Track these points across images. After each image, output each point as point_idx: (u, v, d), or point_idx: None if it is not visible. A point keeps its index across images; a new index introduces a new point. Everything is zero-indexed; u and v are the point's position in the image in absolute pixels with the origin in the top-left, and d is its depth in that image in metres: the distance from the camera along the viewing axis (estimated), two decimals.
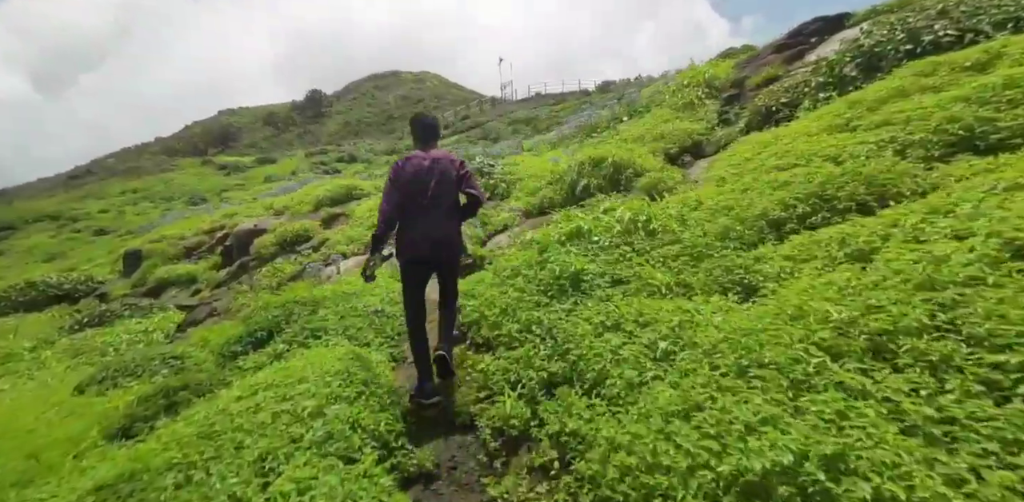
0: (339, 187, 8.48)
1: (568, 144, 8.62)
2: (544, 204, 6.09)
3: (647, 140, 6.41)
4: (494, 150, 9.48)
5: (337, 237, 6.78)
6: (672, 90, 7.16)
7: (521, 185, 6.98)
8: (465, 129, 32.72)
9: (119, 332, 5.98)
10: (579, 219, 3.80)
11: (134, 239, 14.50)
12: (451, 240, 2.90)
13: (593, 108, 9.67)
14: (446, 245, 2.87)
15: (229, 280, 7.05)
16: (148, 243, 9.98)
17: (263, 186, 26.17)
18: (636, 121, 7.46)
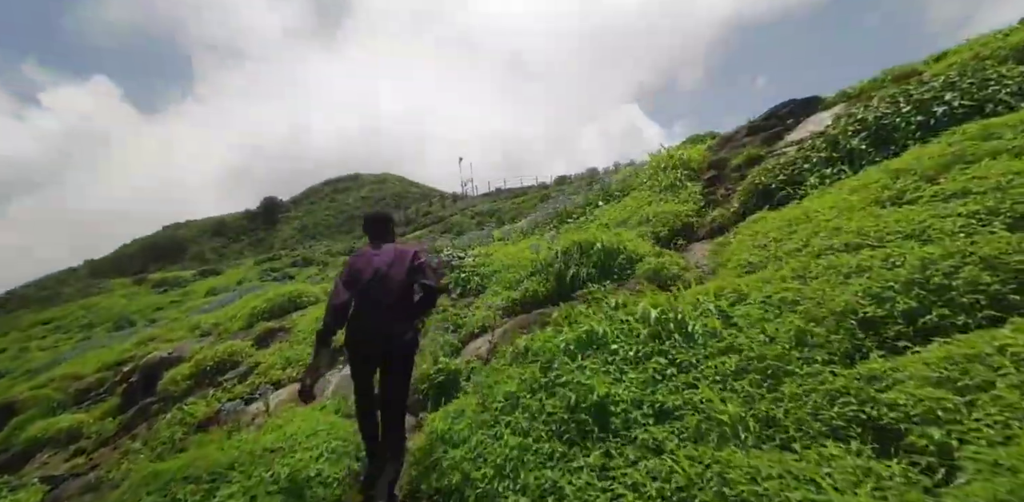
0: (279, 295, 7.48)
1: (543, 231, 8.19)
2: (528, 298, 5.33)
3: (632, 224, 5.99)
4: (462, 241, 8.96)
5: (272, 359, 5.67)
6: (649, 173, 7.01)
7: (497, 278, 6.27)
8: (428, 224, 33.05)
9: None
10: (588, 319, 3.02)
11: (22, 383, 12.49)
12: (398, 335, 2.81)
13: (563, 195, 9.49)
14: (392, 341, 2.78)
15: (121, 433, 5.61)
16: (29, 390, 8.31)
17: (202, 301, 24.57)
18: (614, 205, 7.17)
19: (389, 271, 2.84)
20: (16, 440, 7.30)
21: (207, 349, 6.21)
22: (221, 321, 8.26)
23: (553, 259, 5.60)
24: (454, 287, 6.90)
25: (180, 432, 4.77)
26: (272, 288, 8.59)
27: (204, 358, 6.00)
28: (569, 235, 6.47)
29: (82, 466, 5.10)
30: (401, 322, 2.83)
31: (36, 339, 30.20)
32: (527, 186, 43.86)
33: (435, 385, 4.29)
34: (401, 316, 2.84)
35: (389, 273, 2.84)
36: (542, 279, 5.51)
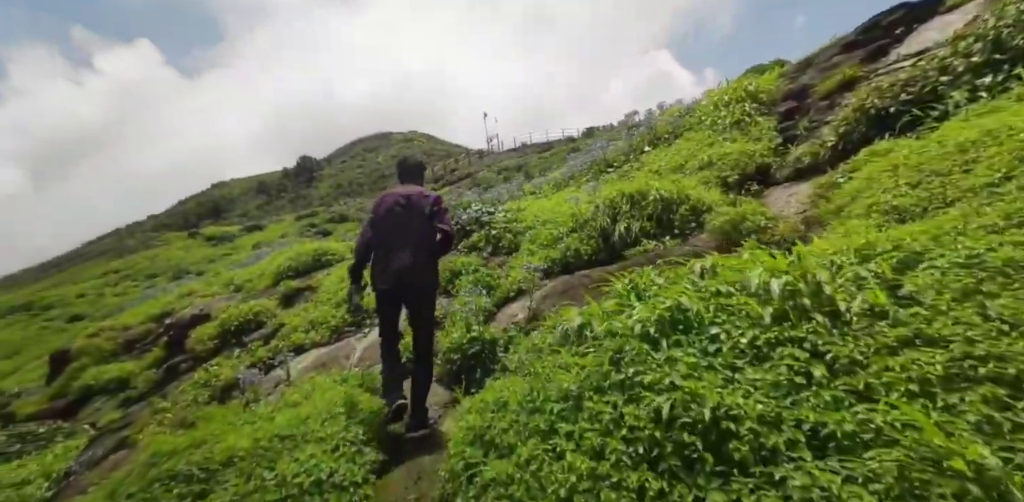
0: (303, 254, 6.85)
1: (580, 183, 7.18)
2: (569, 258, 4.48)
3: (691, 169, 4.93)
4: (490, 195, 8.05)
5: (296, 321, 5.06)
6: (708, 110, 5.80)
7: (532, 235, 5.40)
8: (455, 181, 31.99)
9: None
10: (665, 290, 2.15)
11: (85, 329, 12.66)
12: (420, 278, 2.90)
13: (599, 143, 8.32)
14: (415, 278, 2.86)
15: (154, 390, 5.23)
16: (84, 338, 8.16)
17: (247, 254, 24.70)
18: (664, 150, 6.05)
19: (411, 213, 2.90)
20: (72, 387, 7.16)
21: (233, 308, 5.66)
22: (252, 278, 7.75)
23: (596, 213, 4.67)
24: (484, 245, 6.08)
25: (204, 395, 4.27)
26: (297, 245, 8.00)
27: (229, 317, 5.46)
28: (613, 185, 5.47)
29: (118, 421, 4.72)
30: (422, 261, 2.89)
31: (109, 286, 31.46)
32: (553, 140, 41.76)
33: (468, 356, 3.57)
34: (422, 256, 2.89)
35: (411, 215, 2.90)
36: (584, 236, 4.62)
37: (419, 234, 2.90)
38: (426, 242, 2.92)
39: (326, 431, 2.58)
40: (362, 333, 4.62)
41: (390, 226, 2.92)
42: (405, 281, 2.84)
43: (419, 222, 2.90)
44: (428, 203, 2.94)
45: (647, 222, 4.12)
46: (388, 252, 2.88)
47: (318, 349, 4.50)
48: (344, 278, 5.77)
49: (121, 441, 4.33)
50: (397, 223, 2.91)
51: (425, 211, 2.91)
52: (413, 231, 2.89)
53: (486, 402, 2.41)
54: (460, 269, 5.38)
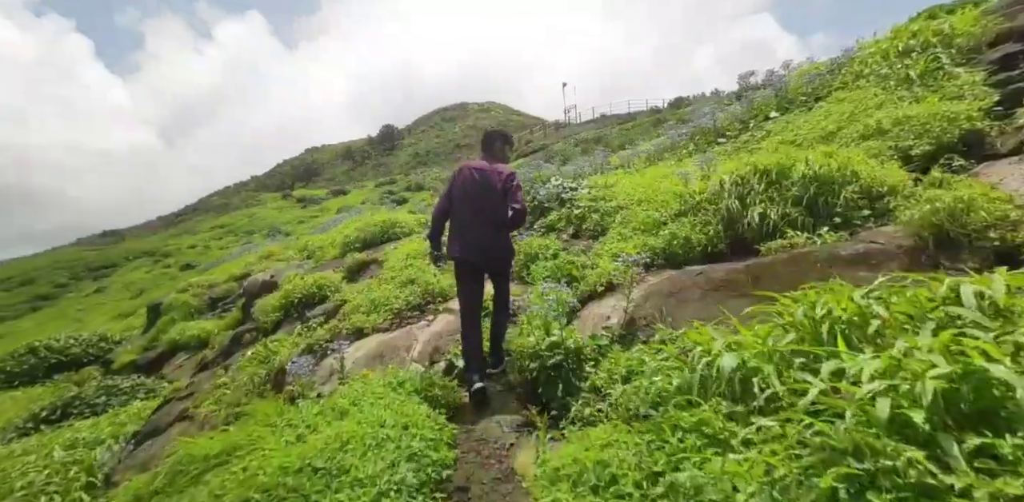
0: (371, 225, 6.33)
1: (680, 155, 5.99)
2: (677, 249, 3.51)
3: (848, 138, 3.66)
4: (570, 169, 7.09)
5: (358, 299, 4.59)
6: (875, 60, 4.34)
7: (625, 216, 4.44)
8: (530, 152, 30.86)
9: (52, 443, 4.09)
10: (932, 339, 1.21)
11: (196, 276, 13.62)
12: (495, 249, 2.95)
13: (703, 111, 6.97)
14: (491, 254, 2.94)
15: (219, 359, 5.08)
16: (175, 292, 8.52)
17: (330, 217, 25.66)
18: (801, 114, 4.71)
19: (484, 189, 2.88)
20: (161, 340, 7.45)
21: (298, 279, 5.32)
22: (323, 245, 7.52)
23: (716, 193, 3.61)
24: (564, 226, 5.21)
25: (260, 374, 3.92)
26: (367, 215, 7.60)
27: (294, 289, 5.12)
28: (738, 158, 4.31)
29: (184, 390, 4.58)
30: (495, 237, 2.92)
31: (215, 240, 34.57)
32: (635, 111, 38.88)
33: (547, 367, 2.82)
34: (497, 230, 2.92)
35: (484, 191, 2.88)
36: (698, 221, 3.59)
37: (492, 211, 2.88)
38: (499, 219, 2.88)
39: (367, 469, 1.96)
40: (424, 321, 4.02)
41: (464, 200, 2.92)
42: (480, 257, 2.90)
43: (492, 198, 2.87)
44: (501, 180, 2.88)
45: (791, 207, 3.02)
46: (462, 226, 2.92)
47: (378, 335, 3.96)
48: (410, 255, 5.21)
49: (183, 412, 4.15)
50: (471, 198, 2.90)
51: (498, 187, 2.87)
52: (486, 207, 2.88)
53: (581, 465, 1.64)
54: (536, 253, 4.58)
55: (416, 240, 5.76)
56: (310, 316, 4.80)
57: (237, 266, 9.41)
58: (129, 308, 16.42)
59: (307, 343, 4.03)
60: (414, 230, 6.30)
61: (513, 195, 2.86)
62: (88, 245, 43.38)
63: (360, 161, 67.22)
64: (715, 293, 2.72)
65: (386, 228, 6.21)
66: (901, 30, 4.50)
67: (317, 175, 69.09)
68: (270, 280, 6.15)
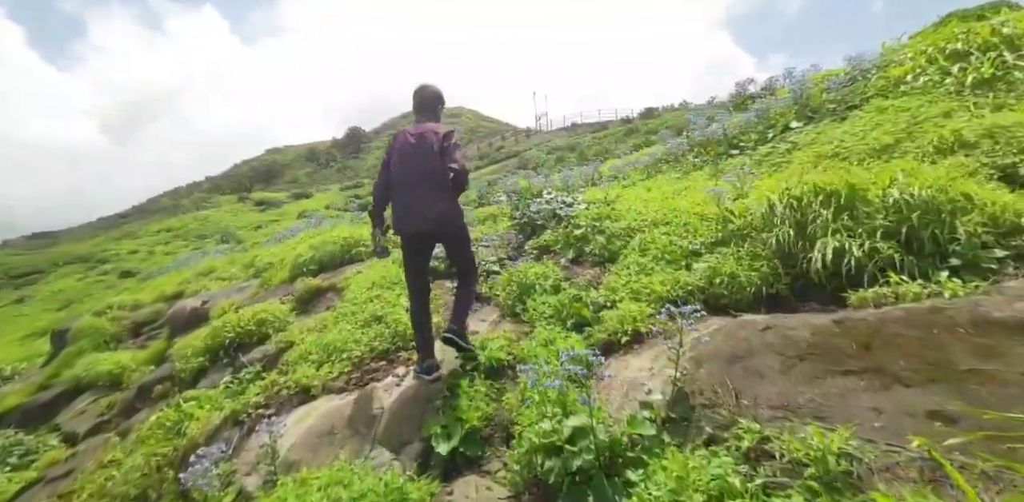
0: (330, 242, 5.21)
1: (686, 167, 5.31)
2: (722, 289, 2.73)
3: (920, 152, 3.01)
4: (559, 178, 6.32)
5: (308, 342, 3.60)
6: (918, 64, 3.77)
7: (642, 242, 3.67)
8: (502, 159, 30.17)
9: None
10: None
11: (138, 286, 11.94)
12: (441, 213, 2.73)
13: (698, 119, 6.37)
14: (437, 218, 2.72)
15: (119, 417, 3.94)
16: (89, 315, 7.09)
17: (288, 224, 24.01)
18: (831, 124, 4.10)
19: (422, 152, 2.75)
20: (60, 377, 6.10)
21: (232, 313, 4.25)
22: (275, 261, 6.42)
23: (766, 216, 2.89)
24: (562, 249, 4.41)
25: (163, 453, 2.88)
26: (325, 230, 6.52)
27: (225, 325, 4.05)
28: (773, 174, 3.63)
29: (60, 466, 3.44)
30: (443, 200, 2.73)
31: (161, 244, 31.92)
32: (605, 120, 38.92)
33: (570, 472, 1.96)
34: (441, 194, 2.73)
35: (422, 154, 2.74)
36: (745, 253, 2.83)
37: (433, 173, 2.72)
38: (441, 181, 2.72)
39: None
40: (393, 376, 3.09)
41: (404, 166, 2.78)
42: (426, 223, 2.72)
43: (432, 160, 2.72)
44: (438, 139, 2.75)
45: (881, 240, 2.31)
46: (405, 193, 2.76)
47: (330, 397, 3.00)
48: (376, 283, 4.26)
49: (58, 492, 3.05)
50: (410, 163, 2.77)
51: (435, 148, 2.73)
52: (427, 170, 2.73)
53: None
54: (533, 283, 3.74)
55: (385, 264, 4.81)
56: (245, 362, 3.77)
57: (169, 284, 8.06)
58: (49, 323, 14.43)
59: (233, 408, 3.02)
60: None
61: (451, 154, 2.70)
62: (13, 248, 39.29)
63: (324, 163, 64.76)
64: (803, 364, 1.95)
65: (348, 246, 5.18)
66: (937, 32, 3.98)
67: (278, 177, 66.16)
68: (201, 308, 5.03)
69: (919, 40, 4.22)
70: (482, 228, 5.86)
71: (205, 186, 68.22)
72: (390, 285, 4.19)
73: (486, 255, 4.69)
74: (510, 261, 4.52)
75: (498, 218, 5.82)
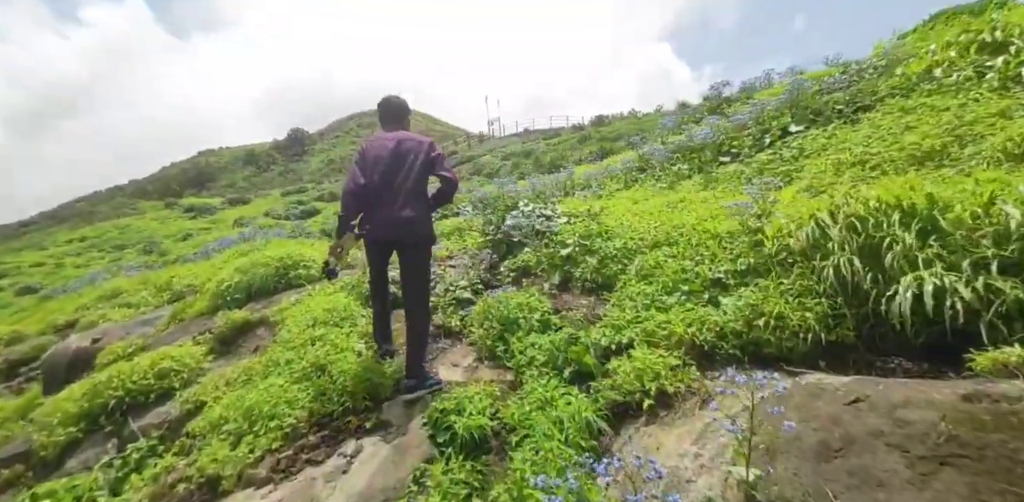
0: (261, 264, 4.22)
1: (676, 175, 4.82)
2: (768, 333, 2.15)
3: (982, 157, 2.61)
4: (527, 187, 5.69)
5: (226, 403, 2.71)
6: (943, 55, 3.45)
7: (641, 266, 3.08)
8: (456, 164, 29.36)
9: None
10: None
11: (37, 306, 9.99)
12: (414, 223, 2.63)
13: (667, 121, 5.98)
14: (409, 228, 2.61)
15: None
16: None
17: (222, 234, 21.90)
18: (841, 128, 3.73)
19: (402, 162, 2.65)
20: None
21: (125, 364, 3.23)
22: (196, 284, 5.32)
23: (813, 240, 2.36)
24: (547, 271, 3.75)
25: None
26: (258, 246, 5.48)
27: (113, 381, 3.05)
28: (793, 186, 3.16)
29: None
30: (419, 215, 2.65)
31: (71, 256, 28.31)
32: (558, 127, 39.03)
33: None
34: (420, 205, 2.66)
35: (402, 163, 2.65)
36: (793, 288, 2.27)
37: (412, 184, 2.63)
38: (423, 191, 2.69)
39: None
40: (341, 456, 2.29)
41: (380, 176, 2.61)
42: (398, 231, 2.61)
43: (412, 171, 2.64)
44: (421, 150, 2.68)
45: (999, 278, 1.81)
46: (380, 204, 2.61)
47: (247, 495, 2.15)
48: (319, 320, 3.41)
49: None
50: (388, 172, 2.62)
51: (418, 158, 2.66)
52: (407, 182, 2.62)
53: None
54: (515, 317, 3.06)
55: (333, 290, 3.95)
56: (136, 430, 2.81)
57: (65, 309, 6.63)
58: None
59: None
60: None
61: (440, 164, 2.71)
62: None
63: (264, 167, 60.97)
64: (949, 473, 1.36)
65: (285, 269, 4.22)
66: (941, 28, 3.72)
67: (212, 181, 61.55)
68: (91, 348, 3.92)
69: (916, 38, 3.98)
70: (448, 243, 5.12)
71: (128, 190, 62.34)
72: (337, 321, 3.36)
73: (456, 279, 3.96)
74: (485, 287, 3.82)
75: (465, 233, 5.10)
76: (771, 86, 6.42)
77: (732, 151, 4.47)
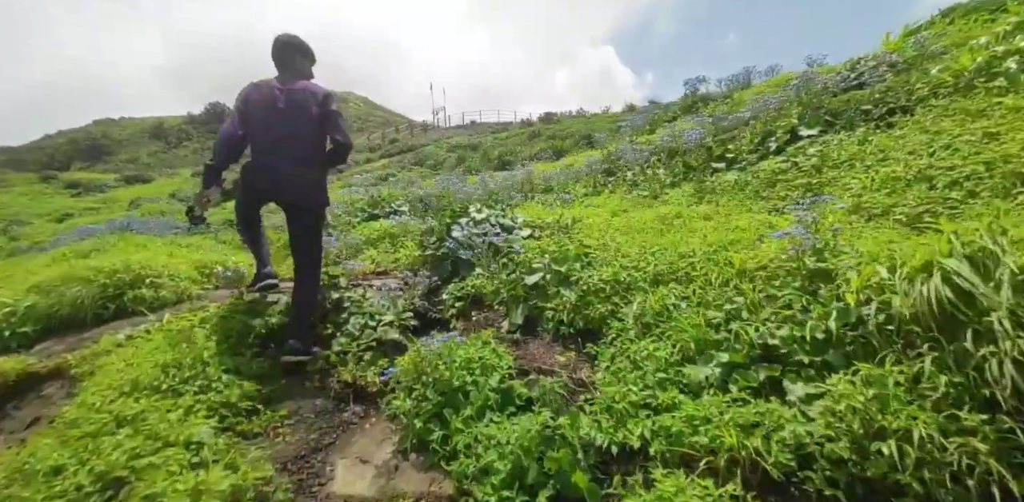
0: (85, 279, 2.77)
1: (652, 184, 3.98)
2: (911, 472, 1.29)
3: None
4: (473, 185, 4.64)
5: None
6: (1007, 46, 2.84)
7: (639, 311, 2.17)
8: (396, 153, 27.53)
9: None
10: None
11: None
12: (305, 182, 2.38)
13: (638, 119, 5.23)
14: (298, 186, 2.36)
15: None
16: None
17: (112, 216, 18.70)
18: (873, 133, 3.05)
19: (292, 114, 2.34)
20: None
21: None
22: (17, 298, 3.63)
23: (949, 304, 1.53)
24: (507, 304, 2.72)
25: None
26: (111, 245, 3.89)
27: None
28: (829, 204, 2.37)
29: None
30: (310, 170, 2.39)
31: None
32: (506, 121, 38.08)
33: None
34: (311, 165, 2.39)
35: (292, 116, 2.33)
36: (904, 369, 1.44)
37: (304, 141, 2.34)
38: (313, 152, 2.38)
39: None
40: None
41: (265, 127, 2.31)
42: (285, 188, 2.36)
43: (304, 126, 2.34)
44: (315, 102, 2.35)
45: None
46: (264, 160, 2.33)
47: None
48: (141, 385, 2.16)
49: None
50: (274, 124, 2.31)
51: (312, 112, 2.34)
52: (296, 137, 2.33)
53: None
54: (462, 385, 2.04)
55: (188, 324, 2.67)
56: None
57: None
58: None
59: None
60: (188, 293, 3.05)
61: (335, 123, 2.37)
62: None
63: (175, 143, 54.65)
64: None
65: (118, 288, 2.75)
66: None
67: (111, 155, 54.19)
68: None
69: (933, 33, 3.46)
70: (373, 253, 3.96)
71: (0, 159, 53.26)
72: (176, 384, 2.14)
73: (379, 309, 2.85)
74: (420, 321, 2.76)
75: (399, 240, 3.96)
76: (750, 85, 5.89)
77: (727, 156, 3.73)
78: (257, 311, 2.86)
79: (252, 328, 2.74)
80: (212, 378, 2.25)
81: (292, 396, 2.43)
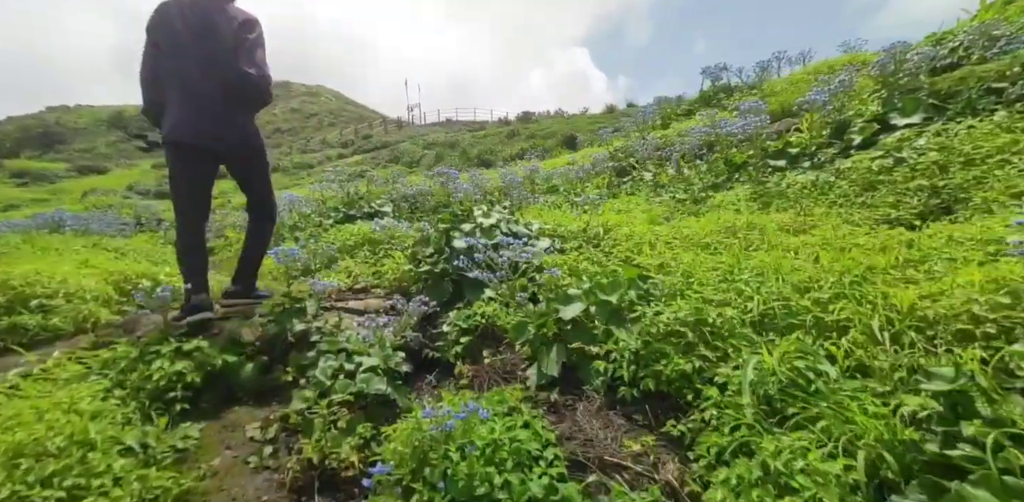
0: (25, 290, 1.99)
1: (693, 185, 3.30)
2: None
3: None
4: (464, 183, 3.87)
5: None
6: None
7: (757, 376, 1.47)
8: (370, 149, 26.32)
9: None
10: None
11: None
12: (236, 127, 2.01)
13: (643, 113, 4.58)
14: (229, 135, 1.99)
15: None
16: None
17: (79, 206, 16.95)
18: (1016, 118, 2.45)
19: (208, 36, 1.90)
20: None
21: None
22: None
23: None
24: (526, 345, 1.97)
25: None
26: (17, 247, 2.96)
27: None
28: None
29: None
30: (234, 108, 2.00)
31: None
32: (483, 120, 37.21)
33: None
34: (235, 103, 1.99)
35: (209, 38, 1.90)
36: None
37: (224, 69, 1.91)
38: (237, 85, 1.95)
39: None
40: None
41: (175, 56, 1.92)
42: (212, 136, 1.97)
43: (220, 52, 1.90)
44: (230, 28, 1.90)
45: None
46: (182, 96, 1.94)
47: None
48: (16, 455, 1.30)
49: None
50: (183, 52, 1.91)
51: (227, 35, 1.89)
52: (213, 65, 1.91)
53: None
54: (483, 480, 1.28)
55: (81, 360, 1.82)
56: None
57: None
58: None
59: None
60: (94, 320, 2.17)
61: (250, 52, 1.90)
62: None
63: (136, 134, 51.27)
64: None
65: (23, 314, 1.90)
66: None
67: (64, 143, 50.48)
68: None
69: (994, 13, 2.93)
70: (349, 263, 3.14)
71: None
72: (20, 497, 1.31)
73: (357, 342, 2.07)
74: (416, 364, 1.99)
75: (382, 250, 3.16)
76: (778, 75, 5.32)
77: (789, 152, 3.08)
78: (188, 350, 2.03)
79: (180, 376, 1.93)
80: (95, 469, 1.43)
81: (226, 486, 1.63)
